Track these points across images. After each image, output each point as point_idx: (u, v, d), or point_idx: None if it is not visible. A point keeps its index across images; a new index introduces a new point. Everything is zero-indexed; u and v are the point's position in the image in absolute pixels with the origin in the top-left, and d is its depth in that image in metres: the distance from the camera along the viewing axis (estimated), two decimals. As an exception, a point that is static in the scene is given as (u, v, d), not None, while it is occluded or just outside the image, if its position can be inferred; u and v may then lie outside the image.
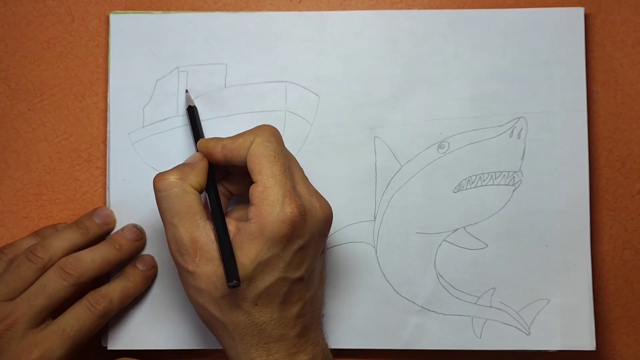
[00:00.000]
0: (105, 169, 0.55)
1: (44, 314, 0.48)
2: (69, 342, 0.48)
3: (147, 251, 0.54)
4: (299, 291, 0.46)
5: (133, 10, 0.55)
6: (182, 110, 0.54)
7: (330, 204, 0.48)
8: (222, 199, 0.49)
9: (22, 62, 0.55)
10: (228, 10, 0.55)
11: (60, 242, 0.51)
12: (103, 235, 0.53)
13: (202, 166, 0.47)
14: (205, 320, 0.48)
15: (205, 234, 0.45)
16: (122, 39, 0.54)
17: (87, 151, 0.55)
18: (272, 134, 0.46)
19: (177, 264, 0.46)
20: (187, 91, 0.54)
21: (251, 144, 0.45)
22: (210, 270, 0.44)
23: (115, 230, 0.54)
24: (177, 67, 0.54)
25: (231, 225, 0.46)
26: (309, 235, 0.45)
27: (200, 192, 0.46)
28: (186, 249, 0.45)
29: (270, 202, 0.44)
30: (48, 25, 0.55)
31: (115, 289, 0.51)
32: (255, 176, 0.45)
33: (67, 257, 0.50)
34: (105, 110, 0.55)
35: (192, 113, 0.52)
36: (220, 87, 0.54)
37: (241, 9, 0.55)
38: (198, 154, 0.48)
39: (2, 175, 0.55)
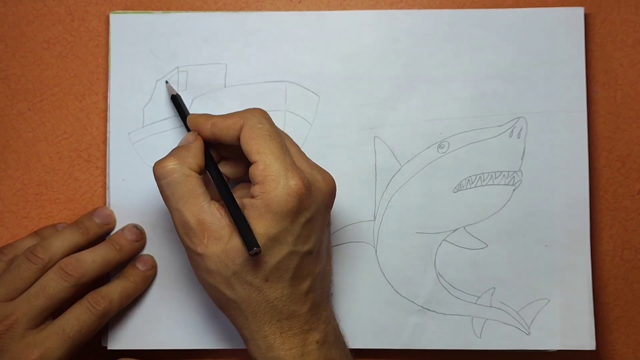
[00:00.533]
0: (105, 169, 0.55)
1: (44, 315, 0.48)
2: (69, 342, 0.48)
3: (147, 251, 0.54)
4: (308, 265, 0.46)
5: (133, 10, 0.55)
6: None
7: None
8: None
9: (22, 62, 0.55)
10: (228, 10, 0.55)
11: (61, 242, 0.51)
12: (103, 235, 0.53)
13: (198, 146, 0.47)
14: (217, 301, 0.48)
15: (210, 214, 0.45)
16: (122, 39, 0.54)
17: (87, 151, 0.55)
18: (262, 116, 0.46)
19: (187, 248, 0.46)
20: (167, 82, 0.54)
21: (241, 127, 0.46)
22: (219, 249, 0.45)
23: (115, 229, 0.54)
24: (177, 67, 0.54)
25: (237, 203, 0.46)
26: (315, 207, 0.45)
27: (200, 172, 0.47)
28: (194, 232, 0.45)
29: (273, 178, 0.44)
30: (48, 25, 0.55)
31: (115, 290, 0.51)
32: (254, 156, 0.45)
33: (67, 257, 0.50)
34: (105, 110, 0.55)
35: (176, 101, 0.52)
36: (220, 87, 0.54)
37: (241, 9, 0.55)
38: (191, 133, 0.48)
39: (2, 175, 0.55)
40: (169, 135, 0.54)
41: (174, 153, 0.47)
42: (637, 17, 0.55)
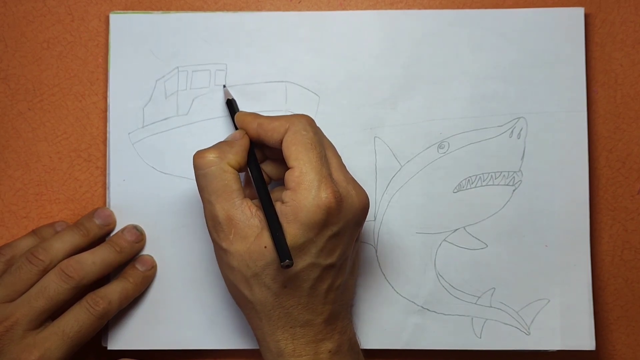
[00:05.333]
0: (105, 169, 0.55)
1: (43, 316, 0.48)
2: (68, 343, 0.48)
3: (147, 251, 0.54)
4: (329, 278, 0.46)
5: (132, 10, 0.55)
6: (183, 110, 0.54)
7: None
8: None
9: (22, 62, 0.55)
10: (228, 10, 0.55)
11: (61, 244, 0.51)
12: (103, 236, 0.53)
13: (242, 144, 0.47)
14: (236, 298, 0.48)
15: (241, 212, 0.45)
16: (122, 39, 0.54)
17: (87, 151, 0.55)
18: (308, 123, 0.46)
19: (213, 241, 0.47)
20: (224, 86, 0.54)
21: (286, 130, 0.46)
22: (243, 249, 0.45)
23: (115, 229, 0.53)
24: (177, 67, 0.54)
25: None
26: (344, 222, 0.45)
27: (240, 170, 0.47)
28: (221, 227, 0.45)
29: (305, 187, 0.44)
30: (48, 25, 0.55)
31: (114, 290, 0.51)
32: (292, 162, 0.45)
33: (68, 259, 0.50)
34: (105, 110, 0.55)
35: (231, 106, 0.52)
36: (220, 87, 0.54)
37: (241, 9, 0.55)
38: (239, 131, 0.48)
39: (2, 175, 0.55)
40: (169, 135, 0.54)
41: (217, 146, 0.47)
42: (637, 17, 0.55)
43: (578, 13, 0.54)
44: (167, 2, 0.55)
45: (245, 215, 0.45)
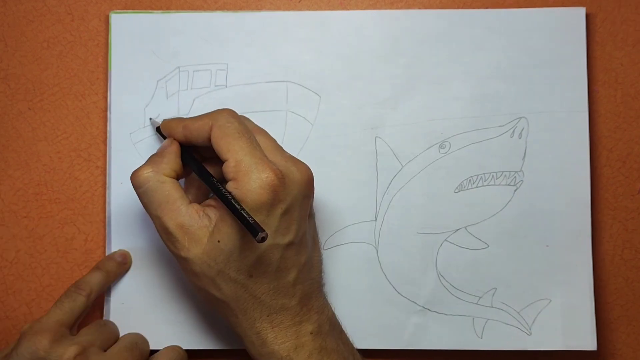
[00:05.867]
0: (105, 169, 0.55)
1: None
2: None
3: (147, 251, 0.54)
4: (291, 256, 0.46)
5: (132, 9, 0.55)
6: (184, 110, 0.54)
7: (332, 204, 0.48)
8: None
9: (22, 62, 0.55)
10: (228, 9, 0.55)
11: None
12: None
13: (172, 151, 0.48)
14: (208, 303, 0.48)
15: (189, 217, 0.45)
16: (123, 39, 0.54)
17: (87, 151, 0.55)
18: (230, 115, 0.47)
19: (172, 254, 0.47)
20: (150, 119, 0.54)
21: (211, 127, 0.46)
22: (200, 251, 0.45)
23: (118, 229, 0.54)
24: (178, 67, 0.54)
25: (213, 202, 0.46)
26: (291, 198, 0.45)
27: (178, 177, 0.47)
28: (175, 237, 0.45)
29: (244, 173, 0.44)
30: (48, 25, 0.55)
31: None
32: (225, 154, 0.45)
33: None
34: (105, 109, 0.55)
35: (160, 132, 0.52)
36: (221, 87, 0.54)
37: (241, 9, 0.55)
38: (167, 140, 0.49)
39: (2, 175, 0.55)
40: (169, 135, 0.54)
41: (149, 160, 0.47)
42: (638, 16, 0.55)
43: (579, 13, 0.54)
44: (167, 2, 0.55)
45: (194, 218, 0.45)
